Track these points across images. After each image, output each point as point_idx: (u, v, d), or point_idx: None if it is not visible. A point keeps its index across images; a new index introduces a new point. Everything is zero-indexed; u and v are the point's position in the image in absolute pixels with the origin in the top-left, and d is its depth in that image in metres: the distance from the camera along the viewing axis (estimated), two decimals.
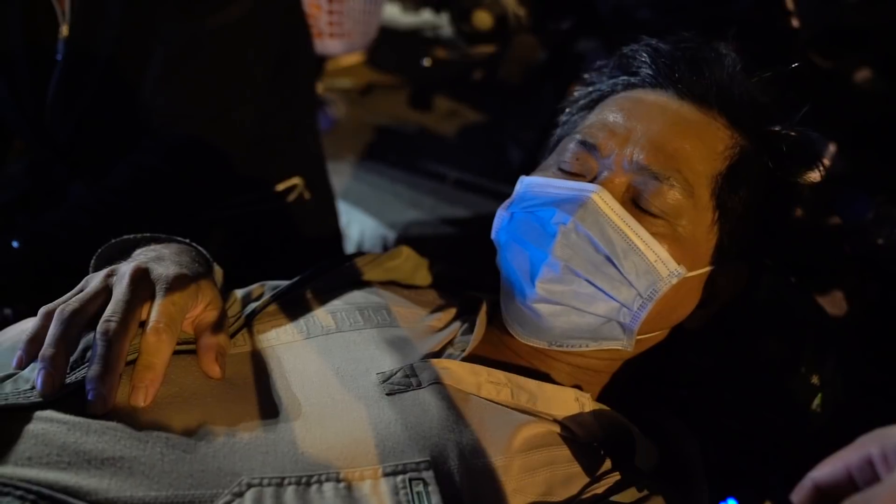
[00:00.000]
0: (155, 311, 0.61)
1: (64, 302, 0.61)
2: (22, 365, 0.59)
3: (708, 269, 0.75)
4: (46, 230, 1.04)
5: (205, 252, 0.76)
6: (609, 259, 0.70)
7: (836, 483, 0.46)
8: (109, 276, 0.64)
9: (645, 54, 0.81)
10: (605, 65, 0.87)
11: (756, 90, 0.79)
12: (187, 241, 0.76)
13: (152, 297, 0.62)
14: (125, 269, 0.64)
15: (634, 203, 0.72)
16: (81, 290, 0.63)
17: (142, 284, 0.62)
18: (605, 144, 0.75)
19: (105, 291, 0.62)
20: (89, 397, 0.56)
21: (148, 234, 0.75)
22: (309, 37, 1.33)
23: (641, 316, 0.72)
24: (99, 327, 0.58)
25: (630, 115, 0.76)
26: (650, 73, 0.80)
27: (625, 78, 0.83)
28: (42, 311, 0.61)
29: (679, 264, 0.71)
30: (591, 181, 0.74)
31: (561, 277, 0.71)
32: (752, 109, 0.77)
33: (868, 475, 0.44)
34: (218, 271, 0.76)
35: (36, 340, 0.59)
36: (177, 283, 0.64)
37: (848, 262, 1.03)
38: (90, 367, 0.57)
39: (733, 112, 0.77)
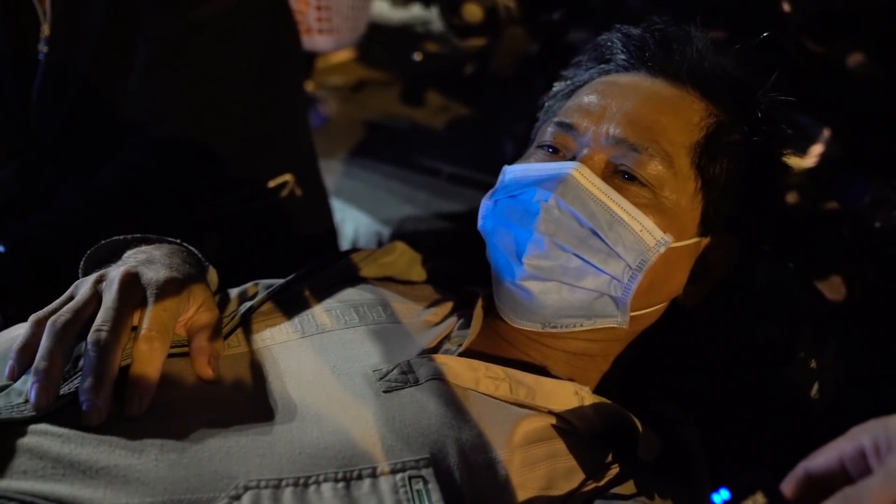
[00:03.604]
0: (146, 318, 0.60)
1: (54, 311, 0.60)
2: (14, 375, 0.58)
3: (696, 239, 0.75)
4: (34, 232, 1.03)
5: (196, 253, 0.75)
6: (594, 232, 0.71)
7: (828, 473, 0.45)
8: (99, 281, 0.63)
9: (617, 41, 0.83)
10: (583, 58, 0.88)
11: (729, 64, 0.80)
12: (178, 241, 0.75)
13: (143, 303, 0.62)
14: (114, 274, 0.63)
15: (615, 176, 0.73)
16: (71, 297, 0.63)
17: (132, 290, 0.62)
18: (580, 123, 0.76)
19: (95, 298, 0.61)
20: (84, 409, 0.55)
21: (139, 235, 0.74)
22: (296, 32, 1.32)
23: (633, 287, 0.72)
24: (90, 337, 0.58)
25: (604, 95, 0.77)
26: (623, 57, 0.82)
27: (601, 66, 0.84)
28: (32, 318, 0.60)
29: (665, 233, 0.71)
30: (571, 160, 0.75)
31: (547, 253, 0.71)
32: (725, 82, 0.78)
33: (860, 467, 0.44)
34: (212, 272, 0.75)
35: (27, 349, 0.58)
36: (167, 288, 0.63)
37: (846, 247, 1.03)
38: (83, 378, 0.56)
39: (706, 85, 0.78)
